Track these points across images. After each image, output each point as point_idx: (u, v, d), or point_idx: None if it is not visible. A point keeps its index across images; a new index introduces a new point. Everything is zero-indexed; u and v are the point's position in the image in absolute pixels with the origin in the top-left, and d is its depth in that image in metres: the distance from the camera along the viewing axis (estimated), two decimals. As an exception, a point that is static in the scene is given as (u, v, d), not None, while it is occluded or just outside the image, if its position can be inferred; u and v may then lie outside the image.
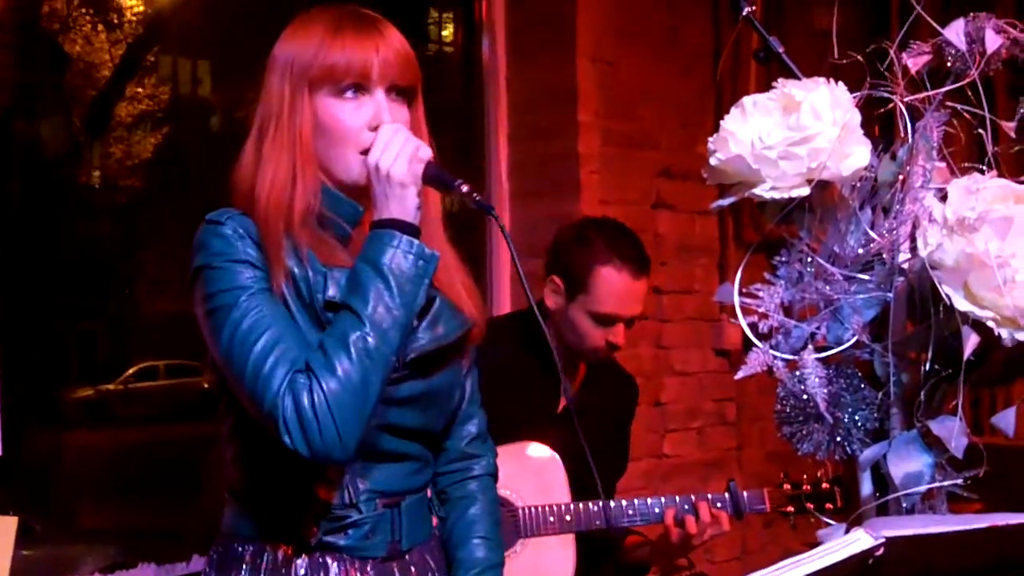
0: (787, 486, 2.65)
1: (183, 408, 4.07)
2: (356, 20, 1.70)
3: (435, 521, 1.85)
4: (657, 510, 2.59)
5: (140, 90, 4.17)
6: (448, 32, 4.51)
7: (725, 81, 4.13)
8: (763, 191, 1.53)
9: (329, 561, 1.67)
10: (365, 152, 1.66)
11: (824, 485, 2.64)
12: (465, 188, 1.65)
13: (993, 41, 1.54)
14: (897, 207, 1.55)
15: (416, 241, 1.61)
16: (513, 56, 3.96)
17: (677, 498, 2.60)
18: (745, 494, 2.62)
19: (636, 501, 2.59)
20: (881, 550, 1.16)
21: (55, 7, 3.80)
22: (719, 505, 2.60)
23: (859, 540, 1.15)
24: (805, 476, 2.65)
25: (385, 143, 1.63)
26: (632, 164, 3.92)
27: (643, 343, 3.94)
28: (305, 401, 1.53)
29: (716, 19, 4.16)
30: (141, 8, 3.98)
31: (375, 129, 1.66)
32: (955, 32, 1.54)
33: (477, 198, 1.65)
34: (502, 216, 3.92)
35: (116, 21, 3.97)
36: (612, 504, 2.59)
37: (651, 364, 3.99)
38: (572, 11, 3.79)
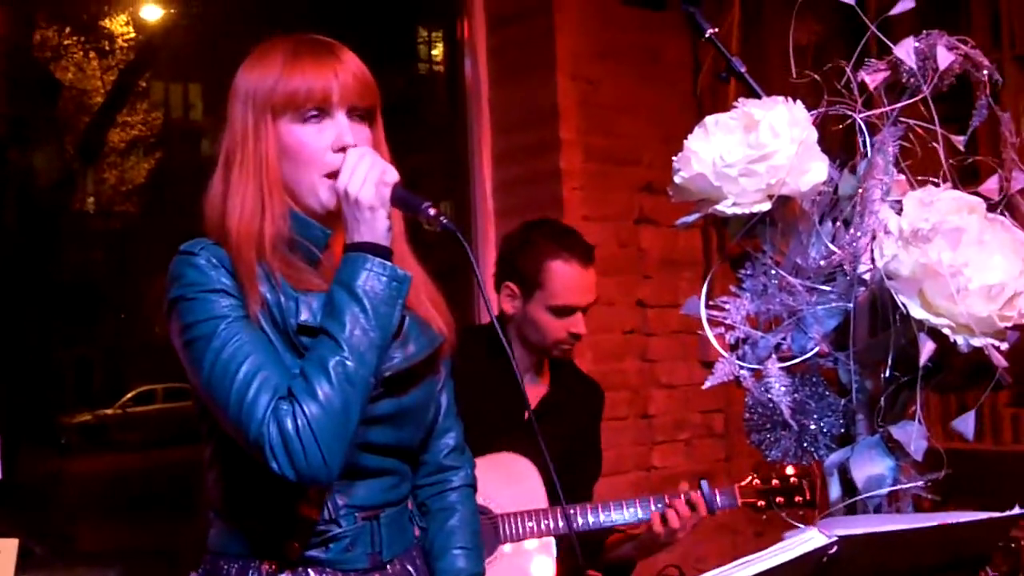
0: (757, 481, 2.71)
1: (181, 431, 4.10)
2: (314, 46, 1.74)
3: (417, 531, 1.87)
4: (633, 510, 2.65)
5: (131, 117, 4.21)
6: (437, 51, 4.55)
7: (705, 96, 4.18)
8: (725, 207, 1.58)
9: (312, 575, 1.70)
10: (330, 175, 1.69)
11: (792, 480, 2.70)
12: (432, 211, 1.67)
13: (945, 58, 1.59)
14: (857, 220, 1.59)
15: (388, 263, 1.65)
16: (495, 76, 4.01)
17: (651, 499, 2.67)
18: (717, 491, 2.68)
19: (611, 504, 2.65)
20: (834, 548, 1.20)
21: (46, 36, 3.84)
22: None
23: (812, 539, 1.19)
24: (774, 473, 2.71)
25: (352, 168, 1.66)
26: (614, 180, 3.96)
27: (629, 357, 3.97)
28: (289, 427, 1.56)
29: (695, 35, 4.20)
30: (132, 35, 4.02)
31: (339, 151, 1.69)
32: (905, 50, 1.59)
33: (443, 220, 1.67)
34: (487, 232, 3.98)
35: (107, 48, 4.01)
36: (589, 508, 2.64)
37: (637, 378, 4.01)
38: (551, 31, 3.84)
